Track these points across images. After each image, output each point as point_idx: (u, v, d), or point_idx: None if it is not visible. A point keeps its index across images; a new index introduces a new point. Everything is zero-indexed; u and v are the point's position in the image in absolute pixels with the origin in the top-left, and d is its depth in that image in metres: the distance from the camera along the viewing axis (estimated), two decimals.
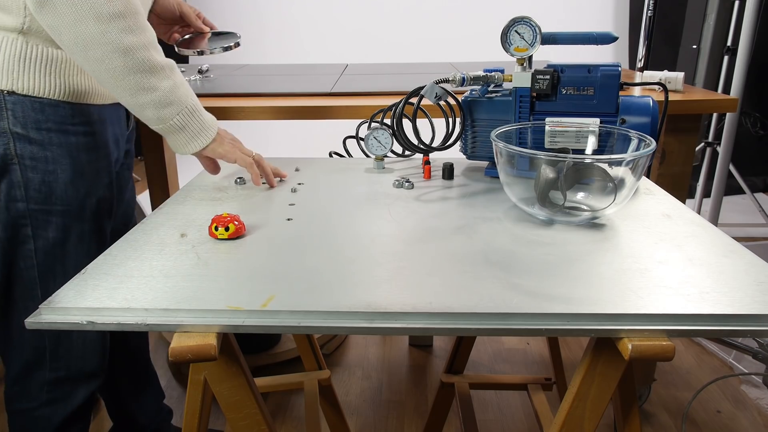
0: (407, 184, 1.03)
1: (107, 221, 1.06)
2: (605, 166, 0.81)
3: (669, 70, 1.55)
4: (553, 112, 1.02)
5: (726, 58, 2.40)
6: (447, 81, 1.02)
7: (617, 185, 0.81)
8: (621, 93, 0.99)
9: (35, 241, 0.96)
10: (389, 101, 1.36)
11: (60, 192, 0.95)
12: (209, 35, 1.24)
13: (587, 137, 0.97)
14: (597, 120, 0.98)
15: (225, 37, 1.25)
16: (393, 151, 1.17)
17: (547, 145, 0.99)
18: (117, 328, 0.62)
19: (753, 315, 0.60)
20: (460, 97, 1.09)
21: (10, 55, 0.87)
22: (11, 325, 1.02)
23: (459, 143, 1.12)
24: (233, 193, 1.01)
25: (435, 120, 1.21)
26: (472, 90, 1.10)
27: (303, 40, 3.64)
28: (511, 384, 1.40)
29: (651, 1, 1.89)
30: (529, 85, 1.01)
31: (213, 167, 1.03)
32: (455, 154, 1.17)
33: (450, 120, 1.11)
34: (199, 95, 1.51)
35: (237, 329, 0.62)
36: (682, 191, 1.50)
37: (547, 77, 0.99)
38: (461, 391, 1.33)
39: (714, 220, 2.47)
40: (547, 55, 2.48)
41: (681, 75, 1.47)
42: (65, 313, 0.62)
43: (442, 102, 1.06)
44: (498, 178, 0.96)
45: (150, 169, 1.63)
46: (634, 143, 0.89)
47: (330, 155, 1.30)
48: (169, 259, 0.74)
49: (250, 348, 1.84)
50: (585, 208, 0.87)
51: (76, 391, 1.08)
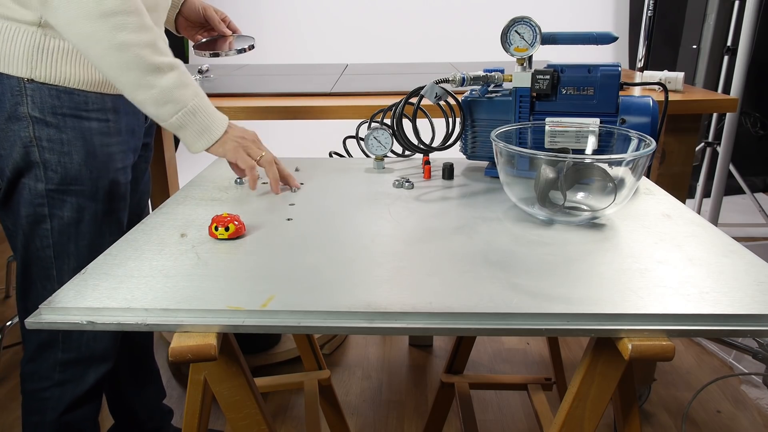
0: (407, 184, 1.03)
1: (122, 204, 1.09)
2: (605, 166, 0.81)
3: (669, 70, 1.55)
4: (553, 112, 1.02)
5: (726, 58, 2.40)
6: (447, 81, 1.02)
7: (617, 185, 0.81)
8: (621, 93, 0.99)
9: (51, 221, 1.00)
10: (389, 101, 1.36)
11: (74, 172, 0.99)
12: (232, 38, 1.26)
13: (587, 137, 0.97)
14: (597, 120, 0.98)
15: (242, 40, 1.28)
16: (393, 151, 1.17)
17: (547, 145, 0.99)
18: (117, 328, 0.62)
19: (753, 315, 0.60)
20: (460, 97, 1.09)
21: (29, 46, 0.92)
22: (28, 305, 1.06)
23: (459, 143, 1.12)
24: (233, 193, 1.01)
25: (435, 120, 1.21)
26: (472, 90, 1.10)
27: (303, 39, 3.64)
28: (511, 384, 1.40)
29: (651, 1, 1.89)
30: (529, 85, 1.01)
31: (238, 171, 1.03)
32: (455, 154, 1.17)
33: (450, 120, 1.11)
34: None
35: (237, 329, 0.62)
36: (682, 191, 1.50)
37: (547, 77, 0.99)
38: (461, 391, 1.33)
39: (714, 220, 2.47)
40: (547, 55, 2.48)
41: (681, 75, 1.47)
42: (65, 313, 0.62)
43: (442, 102, 1.06)
44: (498, 178, 0.96)
45: (150, 169, 1.63)
46: (634, 143, 0.89)
47: (330, 155, 1.30)
48: (169, 259, 0.74)
49: (250, 348, 1.84)
50: (585, 208, 0.87)
51: (86, 374, 1.11)
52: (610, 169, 0.81)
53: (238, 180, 1.06)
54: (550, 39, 1.00)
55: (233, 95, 1.49)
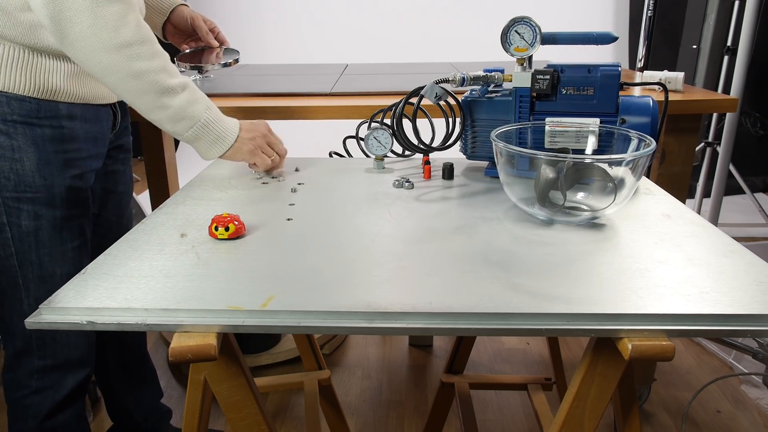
0: (407, 184, 1.03)
1: (83, 210, 1.08)
2: (605, 166, 0.81)
3: (669, 70, 1.55)
4: (553, 112, 1.02)
5: (726, 58, 2.40)
6: (447, 81, 1.02)
7: (617, 185, 0.81)
8: (621, 93, 0.99)
9: (10, 229, 1.00)
10: (389, 101, 1.36)
11: (28, 179, 0.99)
12: (219, 50, 1.26)
13: (587, 137, 0.97)
14: (597, 120, 0.98)
15: (228, 54, 1.29)
16: (393, 151, 1.17)
17: (547, 145, 0.99)
18: (117, 328, 0.62)
19: (753, 315, 0.60)
20: (460, 97, 1.09)
21: None
22: (3, 315, 1.06)
23: (459, 143, 1.12)
24: (233, 193, 1.01)
25: (435, 120, 1.21)
26: (472, 90, 1.10)
27: (303, 39, 3.65)
28: (511, 384, 1.40)
29: (651, 1, 1.89)
30: (529, 85, 1.01)
31: (255, 167, 1.11)
32: (455, 154, 1.17)
33: (450, 120, 1.11)
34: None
35: (237, 329, 0.62)
36: (682, 191, 1.50)
37: (547, 77, 0.99)
38: (461, 391, 1.33)
39: (714, 220, 2.47)
40: (547, 55, 2.48)
41: (681, 75, 1.47)
42: (65, 313, 0.62)
43: (442, 102, 1.06)
44: (498, 178, 0.96)
45: (150, 169, 1.63)
46: (634, 143, 0.89)
47: (330, 155, 1.30)
48: (169, 259, 0.74)
49: (250, 348, 1.84)
50: (585, 208, 0.87)
51: (64, 380, 1.11)
52: (610, 169, 0.81)
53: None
54: (550, 39, 1.00)
55: (233, 95, 1.49)
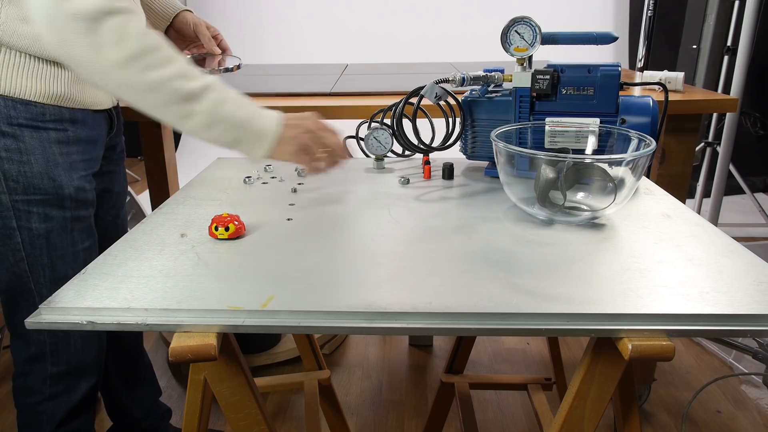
0: (409, 182, 1.03)
1: (90, 210, 1.08)
2: (605, 166, 0.81)
3: (669, 70, 1.55)
4: (553, 112, 1.02)
5: (726, 58, 2.40)
6: (447, 81, 1.02)
7: (617, 185, 0.81)
8: (621, 93, 0.99)
9: (21, 234, 0.99)
10: (389, 101, 1.36)
11: (37, 181, 0.98)
12: (220, 57, 1.26)
13: (587, 137, 0.97)
14: (597, 120, 0.98)
15: (229, 61, 1.28)
16: (393, 151, 1.17)
17: (547, 145, 0.99)
18: (117, 328, 0.62)
19: (753, 315, 0.60)
20: (460, 97, 1.09)
21: None
22: (16, 321, 1.05)
23: (459, 143, 1.12)
24: (233, 193, 1.01)
25: (435, 120, 1.21)
26: (472, 90, 1.10)
27: (303, 39, 3.65)
28: (511, 384, 1.40)
29: (651, 1, 1.89)
30: (529, 85, 1.01)
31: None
32: (455, 154, 1.17)
33: (450, 120, 1.11)
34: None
35: (237, 329, 0.62)
36: (682, 191, 1.50)
37: (547, 77, 0.99)
38: (461, 391, 1.33)
39: (714, 220, 2.47)
40: (547, 55, 2.48)
41: (681, 75, 1.47)
42: (65, 313, 0.62)
43: (442, 102, 1.06)
44: (498, 178, 0.96)
45: (150, 169, 1.63)
46: (634, 143, 0.89)
47: None
48: (169, 259, 0.74)
49: (250, 348, 1.84)
50: (585, 208, 0.87)
51: (77, 385, 1.10)
52: (610, 169, 0.81)
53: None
54: (550, 39, 1.00)
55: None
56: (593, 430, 0.70)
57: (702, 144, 2.52)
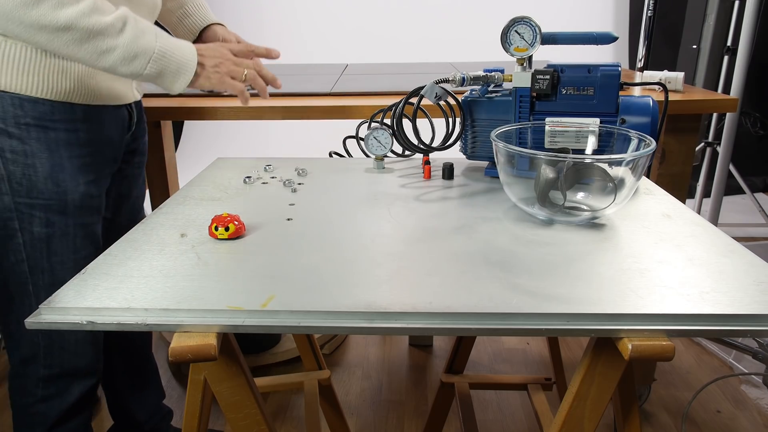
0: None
1: (95, 217, 1.06)
2: (605, 166, 0.81)
3: (669, 70, 1.55)
4: (553, 112, 1.02)
5: (726, 58, 2.40)
6: (447, 81, 1.02)
7: (617, 185, 0.81)
8: (621, 93, 0.99)
9: (22, 235, 0.97)
10: (389, 101, 1.36)
11: (41, 186, 0.96)
12: None
13: (587, 137, 0.97)
14: (597, 120, 0.98)
15: None
16: (393, 151, 1.17)
17: (547, 145, 0.99)
18: (117, 328, 0.62)
19: (753, 315, 0.60)
20: (460, 97, 1.09)
21: None
22: (10, 321, 1.04)
23: (459, 143, 1.12)
24: (233, 193, 1.01)
25: (435, 120, 1.21)
26: (472, 90, 1.10)
27: (303, 39, 3.64)
28: (511, 384, 1.40)
29: (651, 1, 1.89)
30: (529, 85, 1.01)
31: (242, 100, 1.02)
32: (455, 154, 1.17)
33: (450, 120, 1.11)
34: (198, 95, 1.51)
35: (237, 329, 0.62)
36: (682, 191, 1.50)
37: (547, 77, 0.99)
38: (461, 391, 1.33)
39: (714, 220, 2.47)
40: (547, 55, 2.48)
41: (681, 75, 1.47)
42: (65, 313, 0.62)
43: (442, 102, 1.06)
44: (498, 178, 0.96)
45: (150, 169, 1.63)
46: (634, 143, 0.89)
47: (330, 155, 1.30)
48: (169, 259, 0.74)
49: (250, 348, 1.84)
50: (585, 208, 0.87)
51: (70, 388, 1.09)
52: (610, 169, 0.81)
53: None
54: (550, 39, 1.00)
55: (233, 95, 1.48)
56: (593, 430, 0.70)
57: (702, 144, 2.52)
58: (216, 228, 0.80)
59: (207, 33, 1.20)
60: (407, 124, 1.10)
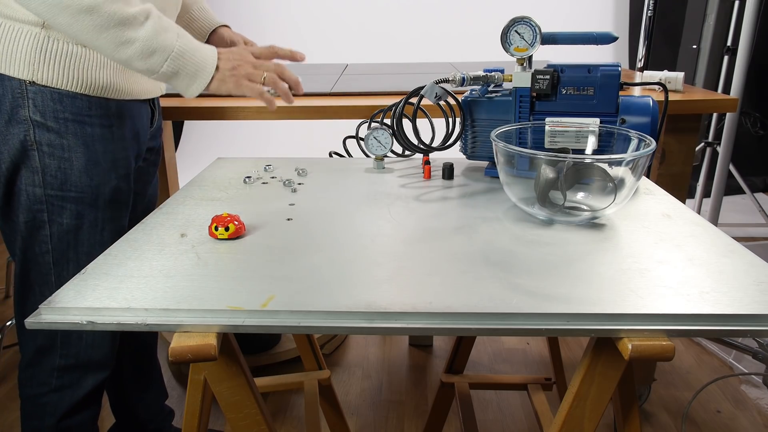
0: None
1: (124, 212, 1.07)
2: (605, 166, 0.81)
3: (669, 70, 1.55)
4: (553, 112, 1.02)
5: (726, 58, 2.40)
6: (447, 81, 1.02)
7: (617, 185, 0.81)
8: (621, 93, 0.99)
9: (50, 227, 0.99)
10: (389, 101, 1.36)
11: (75, 179, 0.98)
12: None
13: (587, 137, 0.97)
14: (597, 120, 0.98)
15: None
16: (393, 151, 1.17)
17: (547, 145, 0.99)
18: (117, 328, 0.62)
19: (753, 315, 0.60)
20: (460, 97, 1.09)
21: (31, 48, 0.90)
22: (27, 310, 1.05)
23: (459, 143, 1.12)
24: (233, 193, 1.01)
25: (435, 120, 1.21)
26: (472, 90, 1.10)
27: (303, 40, 3.64)
28: (511, 384, 1.40)
29: (651, 1, 1.89)
30: (529, 85, 1.01)
31: (266, 103, 0.99)
32: (455, 154, 1.17)
33: (450, 120, 1.11)
34: (200, 95, 1.51)
35: (237, 329, 0.62)
36: (682, 191, 1.50)
37: (547, 77, 0.99)
38: (461, 391, 1.33)
39: (714, 220, 2.47)
40: (547, 55, 2.48)
41: (681, 75, 1.47)
42: (65, 313, 0.62)
43: (442, 102, 1.06)
44: (498, 178, 0.96)
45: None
46: (634, 143, 0.89)
47: (330, 155, 1.30)
48: (169, 259, 0.74)
49: (250, 348, 1.84)
50: (585, 208, 0.87)
51: (84, 380, 1.10)
52: (610, 169, 0.81)
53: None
54: (550, 39, 1.00)
55: (233, 95, 1.48)
56: (593, 430, 0.70)
57: (702, 144, 2.52)
58: (216, 228, 0.80)
59: (214, 37, 1.21)
60: (407, 124, 1.10)
